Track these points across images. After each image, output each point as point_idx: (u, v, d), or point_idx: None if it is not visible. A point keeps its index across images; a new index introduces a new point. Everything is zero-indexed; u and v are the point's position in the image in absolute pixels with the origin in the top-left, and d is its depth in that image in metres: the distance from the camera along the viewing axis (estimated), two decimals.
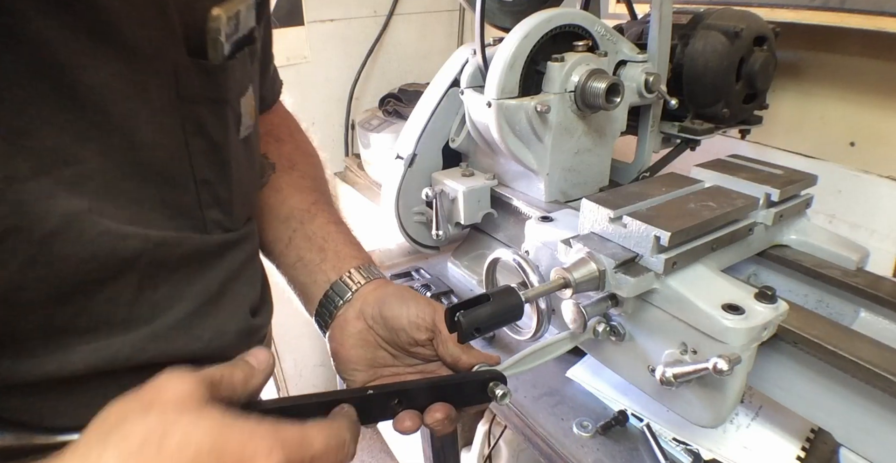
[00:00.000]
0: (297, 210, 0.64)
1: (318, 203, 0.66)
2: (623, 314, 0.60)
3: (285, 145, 0.69)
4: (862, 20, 0.91)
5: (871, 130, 1.06)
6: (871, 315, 0.63)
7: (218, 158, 0.47)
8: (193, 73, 0.43)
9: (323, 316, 0.60)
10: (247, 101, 0.51)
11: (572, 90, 0.82)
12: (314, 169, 0.71)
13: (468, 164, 1.03)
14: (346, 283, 0.59)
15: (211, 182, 0.47)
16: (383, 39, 1.85)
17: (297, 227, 0.63)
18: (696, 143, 0.96)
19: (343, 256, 0.61)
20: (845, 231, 1.07)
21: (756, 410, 0.74)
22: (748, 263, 0.71)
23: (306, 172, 0.69)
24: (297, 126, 0.74)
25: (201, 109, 0.44)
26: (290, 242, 0.63)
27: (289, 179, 0.66)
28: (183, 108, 0.43)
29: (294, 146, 0.71)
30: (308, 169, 0.69)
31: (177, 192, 0.44)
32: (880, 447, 0.54)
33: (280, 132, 0.70)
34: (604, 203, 0.59)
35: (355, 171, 1.82)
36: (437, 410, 0.51)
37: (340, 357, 0.57)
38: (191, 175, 0.45)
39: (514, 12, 0.96)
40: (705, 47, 0.88)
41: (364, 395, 0.50)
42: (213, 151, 0.46)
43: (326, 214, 0.65)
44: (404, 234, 1.06)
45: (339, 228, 0.64)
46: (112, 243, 0.39)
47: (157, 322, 0.44)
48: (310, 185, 0.67)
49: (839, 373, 0.54)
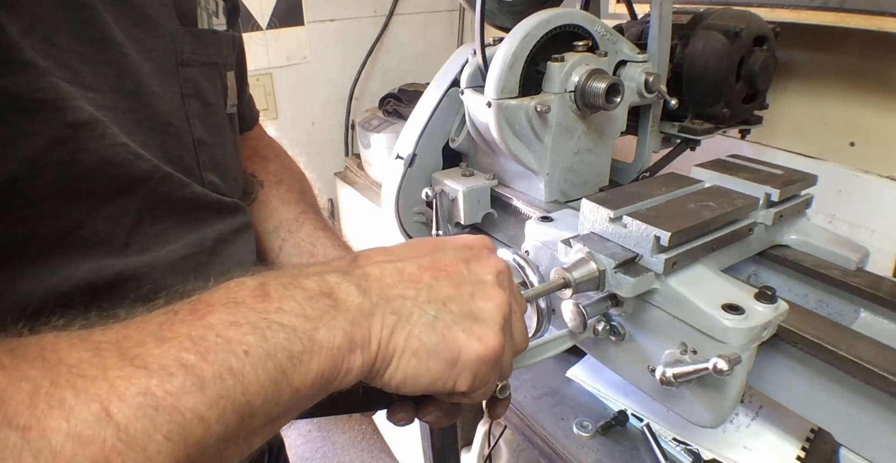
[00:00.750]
0: (286, 221, 0.66)
1: (305, 213, 0.68)
2: (623, 314, 0.60)
3: (271, 164, 0.73)
4: (862, 20, 0.91)
5: (871, 130, 1.06)
6: (871, 315, 0.63)
7: (212, 122, 0.51)
8: (187, 39, 0.48)
9: None
10: (231, 79, 0.57)
11: (572, 90, 0.82)
12: (300, 184, 0.74)
13: (468, 164, 1.03)
14: None
15: (207, 143, 0.50)
16: (383, 39, 1.86)
17: (286, 236, 0.65)
18: (696, 143, 0.96)
19: (331, 258, 0.63)
20: (845, 231, 1.07)
21: (756, 409, 0.74)
22: (748, 263, 0.71)
23: (292, 186, 0.72)
24: (282, 149, 0.78)
25: (195, 72, 0.49)
26: (280, 251, 0.65)
27: (276, 193, 0.69)
28: (180, 72, 0.47)
29: (280, 164, 0.74)
30: (294, 184, 0.72)
31: (179, 147, 0.47)
32: (880, 447, 0.54)
33: (266, 152, 0.74)
34: (604, 203, 0.59)
35: (355, 171, 1.82)
36: (431, 403, 0.52)
37: None
38: (189, 134, 0.48)
39: (514, 12, 0.96)
40: (705, 47, 0.88)
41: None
42: (208, 114, 0.50)
43: (314, 222, 0.67)
44: (404, 234, 1.06)
45: (326, 234, 0.67)
46: (128, 157, 0.41)
47: (153, 255, 0.45)
48: (297, 198, 0.70)
49: (839, 373, 0.54)
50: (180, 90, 0.47)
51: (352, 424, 2.17)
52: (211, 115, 0.51)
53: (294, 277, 0.35)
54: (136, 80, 0.43)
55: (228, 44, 0.55)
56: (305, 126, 1.88)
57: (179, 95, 0.47)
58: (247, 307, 0.32)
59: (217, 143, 0.52)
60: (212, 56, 0.51)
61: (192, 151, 0.49)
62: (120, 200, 0.42)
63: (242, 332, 0.30)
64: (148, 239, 0.45)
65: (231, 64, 0.57)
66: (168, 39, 0.46)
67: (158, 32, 0.45)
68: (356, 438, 2.13)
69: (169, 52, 0.46)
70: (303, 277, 0.35)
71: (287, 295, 0.34)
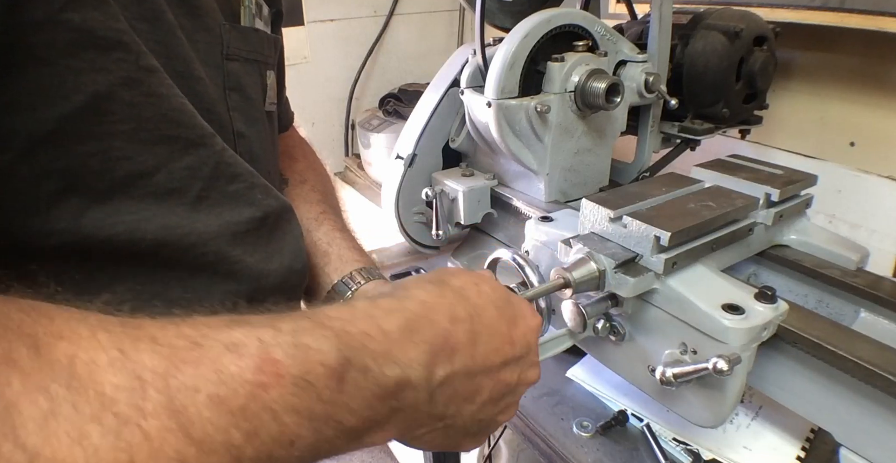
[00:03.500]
0: (305, 219, 0.66)
1: (325, 213, 0.69)
2: (623, 314, 0.60)
3: (298, 163, 0.74)
4: (862, 20, 0.91)
5: (871, 130, 1.05)
6: (871, 315, 0.63)
7: (250, 115, 0.52)
8: (233, 34, 0.49)
9: None
10: (272, 78, 0.58)
11: (572, 90, 0.82)
12: (324, 185, 0.75)
13: (468, 164, 1.03)
14: (347, 283, 0.62)
15: (245, 135, 0.51)
16: (383, 39, 1.85)
17: (304, 234, 0.65)
18: (696, 143, 0.96)
19: (346, 259, 0.64)
20: (845, 231, 1.07)
21: (756, 409, 0.74)
22: (748, 263, 0.71)
23: (316, 186, 0.73)
24: (310, 150, 0.80)
25: (238, 67, 0.50)
26: None
27: (299, 192, 0.70)
28: (225, 66, 0.49)
29: (307, 165, 0.75)
30: (318, 184, 0.73)
31: (220, 135, 0.47)
32: (880, 447, 0.54)
33: (294, 152, 0.75)
34: (604, 203, 0.59)
35: (355, 171, 1.82)
36: None
37: None
38: (230, 125, 0.49)
39: (514, 12, 0.96)
40: (705, 47, 0.88)
41: None
42: (247, 107, 0.51)
43: (332, 222, 0.68)
44: (404, 234, 1.06)
45: (343, 235, 0.67)
46: (198, 116, 0.43)
47: (221, 219, 0.45)
48: (319, 198, 0.71)
49: (839, 373, 0.54)
50: (223, 82, 0.48)
51: None
52: (250, 109, 0.52)
53: (379, 358, 0.33)
54: (186, 63, 0.43)
55: (271, 44, 0.57)
56: (305, 126, 1.87)
57: (222, 87, 0.48)
58: (314, 393, 0.30)
59: (255, 137, 0.53)
60: (254, 53, 0.53)
61: (232, 141, 0.49)
62: (197, 151, 0.43)
63: (299, 423, 0.29)
64: (221, 197, 0.45)
65: (272, 64, 0.58)
66: (216, 33, 0.47)
67: (207, 25, 0.46)
68: None
69: (216, 44, 0.47)
70: (388, 363, 0.34)
71: (361, 388, 0.32)
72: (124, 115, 0.38)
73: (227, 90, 0.49)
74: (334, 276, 0.62)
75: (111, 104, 0.37)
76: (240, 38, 0.50)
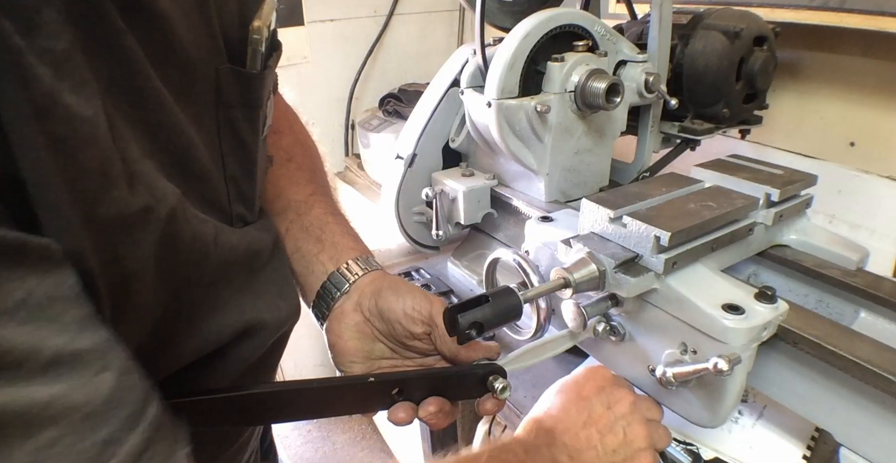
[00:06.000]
0: (294, 202, 0.64)
1: (315, 194, 0.66)
2: (623, 314, 0.60)
3: (284, 138, 0.69)
4: (862, 20, 0.91)
5: (871, 130, 1.05)
6: (871, 315, 0.63)
7: (245, 158, 0.49)
8: (233, 80, 0.44)
9: (320, 308, 0.60)
10: (271, 102, 0.53)
11: (572, 90, 0.82)
12: (312, 161, 0.71)
13: (468, 164, 1.03)
14: (344, 274, 0.60)
15: (237, 179, 0.49)
16: (383, 39, 1.85)
17: (294, 218, 0.63)
18: (696, 143, 0.96)
19: (340, 246, 0.62)
20: (845, 231, 1.07)
21: (760, 410, 0.74)
22: (748, 263, 0.71)
23: (303, 164, 0.69)
24: (296, 118, 0.75)
25: (236, 113, 0.46)
26: (287, 232, 0.63)
27: (285, 172, 0.66)
28: (220, 113, 0.45)
29: (293, 139, 0.71)
30: (305, 161, 0.70)
31: (211, 188, 0.46)
32: (880, 447, 0.54)
33: (279, 125, 0.70)
34: (604, 203, 0.59)
35: (355, 171, 1.82)
36: (431, 403, 0.52)
37: (338, 349, 0.58)
38: (222, 172, 0.47)
39: (514, 12, 0.96)
40: (705, 47, 0.88)
41: (365, 382, 0.51)
42: (242, 151, 0.48)
43: (324, 205, 0.65)
44: (404, 234, 1.06)
45: (336, 219, 0.65)
46: (201, 227, 0.42)
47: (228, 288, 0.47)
48: (307, 177, 0.67)
49: (839, 373, 0.54)
50: (217, 131, 0.45)
51: (352, 424, 2.17)
52: (245, 152, 0.49)
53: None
54: (171, 136, 0.40)
55: (269, 84, 0.52)
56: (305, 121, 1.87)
57: (216, 136, 0.45)
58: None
59: (247, 177, 0.50)
60: (257, 99, 0.49)
61: (223, 188, 0.47)
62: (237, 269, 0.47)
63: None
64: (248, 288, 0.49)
65: (272, 87, 0.54)
66: (209, 81, 0.43)
67: (200, 74, 0.42)
68: (356, 438, 2.13)
69: (208, 93, 0.43)
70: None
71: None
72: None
73: (220, 137, 0.46)
74: (329, 265, 0.60)
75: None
76: (241, 84, 0.46)
